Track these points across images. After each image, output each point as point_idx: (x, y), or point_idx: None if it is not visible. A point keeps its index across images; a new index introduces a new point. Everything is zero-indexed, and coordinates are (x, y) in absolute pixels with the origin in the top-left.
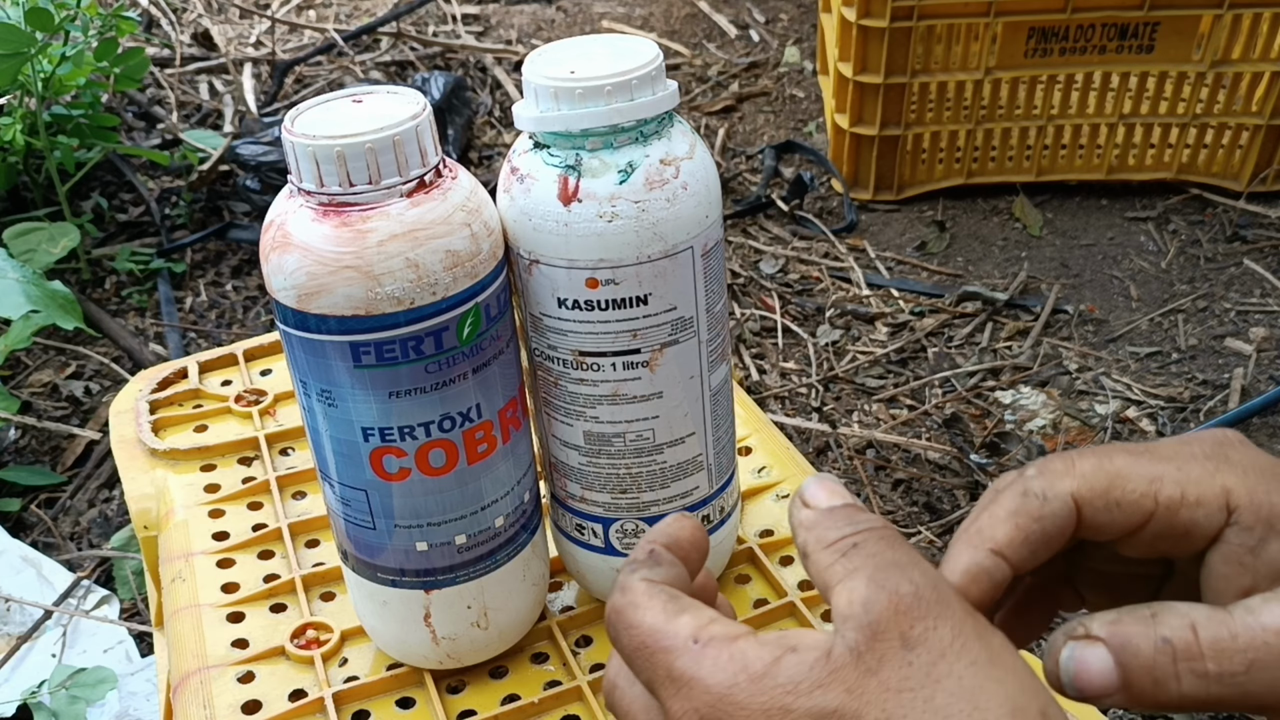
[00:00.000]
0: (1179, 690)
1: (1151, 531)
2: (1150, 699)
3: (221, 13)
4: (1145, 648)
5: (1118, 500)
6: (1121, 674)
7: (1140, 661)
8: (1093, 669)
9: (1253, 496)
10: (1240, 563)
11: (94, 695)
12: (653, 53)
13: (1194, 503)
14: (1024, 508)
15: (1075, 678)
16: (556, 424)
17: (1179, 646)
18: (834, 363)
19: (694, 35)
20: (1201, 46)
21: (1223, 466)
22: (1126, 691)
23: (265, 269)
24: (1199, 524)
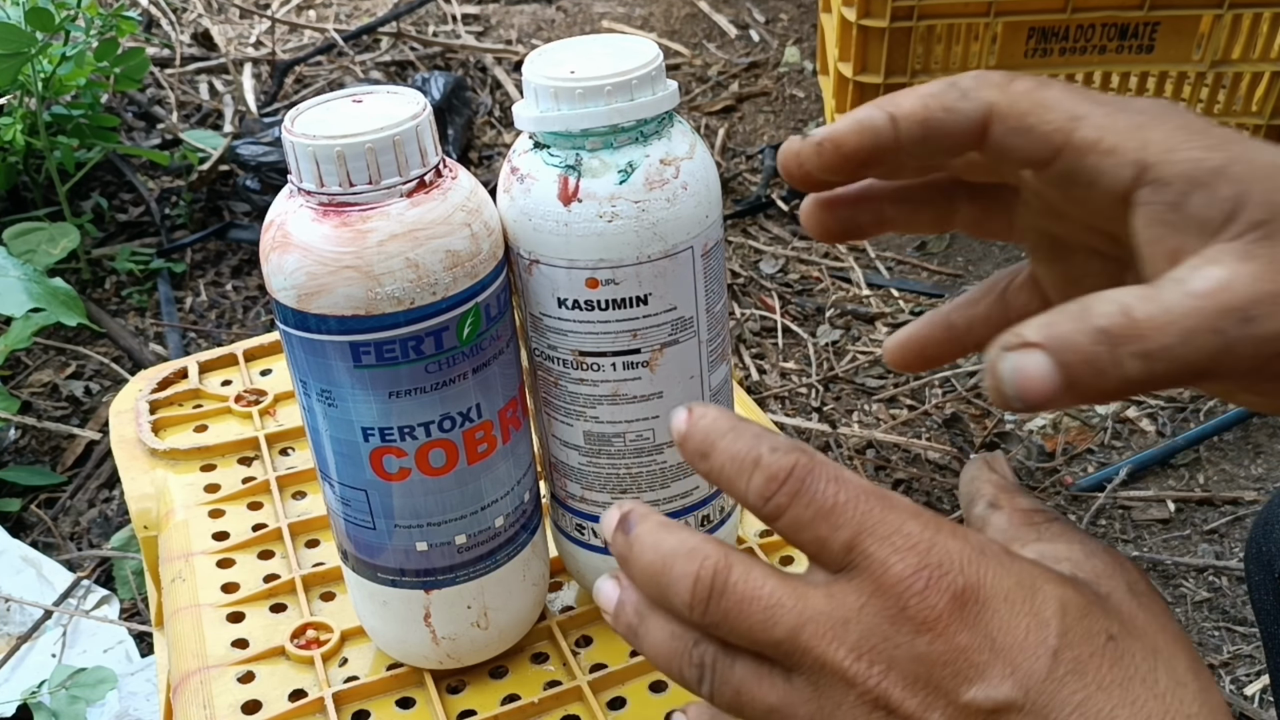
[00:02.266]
0: (1121, 374)
1: (1060, 170)
2: (1095, 391)
3: (221, 13)
4: (1082, 341)
5: (1031, 125)
6: (1064, 373)
7: (1080, 356)
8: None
9: (1172, 153)
10: (1164, 222)
11: (94, 695)
12: (653, 53)
13: (1106, 150)
14: (941, 94)
15: (1019, 388)
16: (556, 424)
17: (1114, 332)
18: (834, 363)
19: (694, 35)
20: (1201, 46)
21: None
22: (1071, 389)
23: (265, 269)
24: (1105, 174)
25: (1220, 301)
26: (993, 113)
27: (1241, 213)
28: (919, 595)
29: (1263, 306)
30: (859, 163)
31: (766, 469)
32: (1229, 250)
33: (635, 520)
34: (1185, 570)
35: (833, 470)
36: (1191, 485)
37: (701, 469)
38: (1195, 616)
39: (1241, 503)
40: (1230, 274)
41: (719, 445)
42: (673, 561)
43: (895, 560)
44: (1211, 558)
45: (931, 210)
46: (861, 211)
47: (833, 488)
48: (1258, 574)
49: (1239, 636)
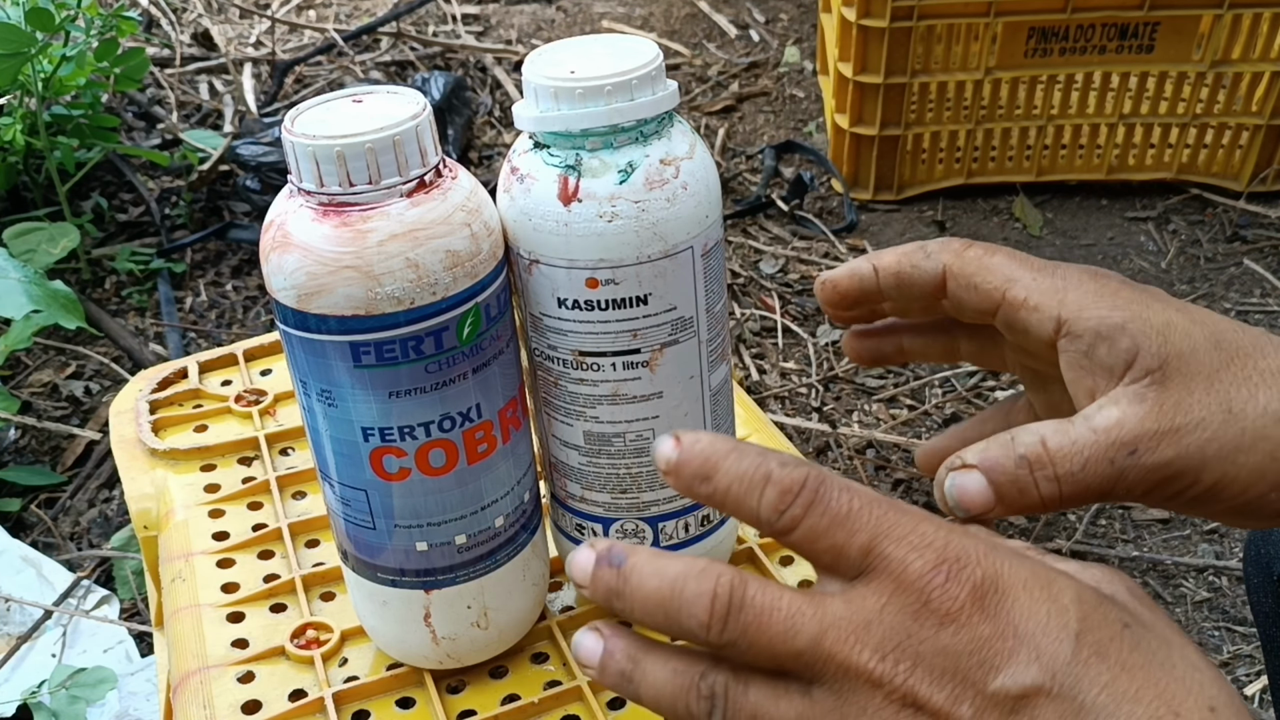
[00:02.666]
0: (1039, 494)
1: (1002, 321)
2: (1020, 505)
3: (221, 13)
4: (1008, 465)
5: (975, 285)
6: (994, 490)
7: (1006, 478)
8: (971, 490)
9: (1083, 311)
10: (1079, 366)
11: (94, 695)
12: (653, 53)
13: (1031, 307)
14: (911, 254)
15: (959, 501)
16: (556, 424)
17: (1032, 459)
18: (834, 363)
19: (694, 35)
20: (1201, 46)
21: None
22: (1001, 503)
23: (265, 269)
24: (1033, 326)
25: (1113, 437)
26: (948, 272)
27: (1136, 361)
28: (940, 588)
29: (1145, 442)
30: (852, 301)
31: (779, 483)
32: (1126, 393)
33: (624, 552)
34: (1185, 570)
35: (843, 481)
36: None
37: (703, 492)
38: (1195, 616)
39: None
40: (1122, 414)
41: (723, 466)
42: (684, 584)
43: (914, 558)
44: (1211, 558)
45: (940, 345)
46: (885, 343)
47: (845, 496)
48: (1256, 576)
49: (1239, 636)
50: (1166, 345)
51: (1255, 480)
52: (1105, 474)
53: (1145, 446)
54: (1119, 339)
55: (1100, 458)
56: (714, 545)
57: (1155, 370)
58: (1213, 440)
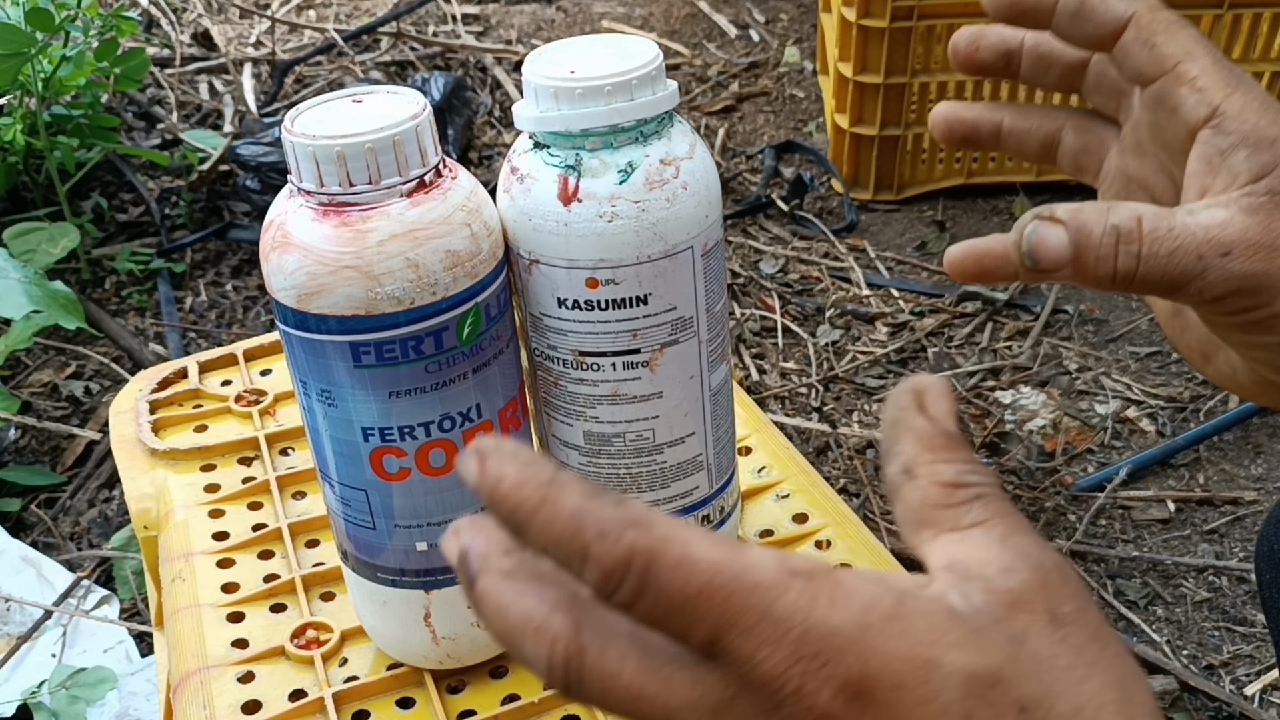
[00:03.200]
0: (1115, 266)
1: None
2: (1091, 273)
3: (221, 13)
4: (1096, 231)
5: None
6: (1074, 250)
7: (1090, 242)
8: (1050, 243)
9: (1243, 112)
10: (1209, 161)
11: (94, 695)
12: (653, 53)
13: (1197, 87)
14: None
15: (1034, 248)
16: (556, 424)
17: (1123, 231)
18: (834, 362)
19: (694, 35)
20: None
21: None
22: (1075, 265)
23: (265, 269)
24: (1186, 105)
25: (1212, 235)
26: (1135, 20)
27: (1266, 178)
28: (795, 695)
29: (1241, 250)
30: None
31: (599, 563)
32: (1240, 200)
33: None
34: (1185, 570)
35: (676, 550)
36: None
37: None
38: (1195, 616)
39: (1241, 503)
40: (1229, 218)
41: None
42: (521, 639)
43: (764, 656)
44: (1211, 558)
45: (1042, 134)
46: (986, 117)
47: (679, 576)
48: (1269, 572)
49: (1239, 636)
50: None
51: None
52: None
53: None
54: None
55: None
56: None
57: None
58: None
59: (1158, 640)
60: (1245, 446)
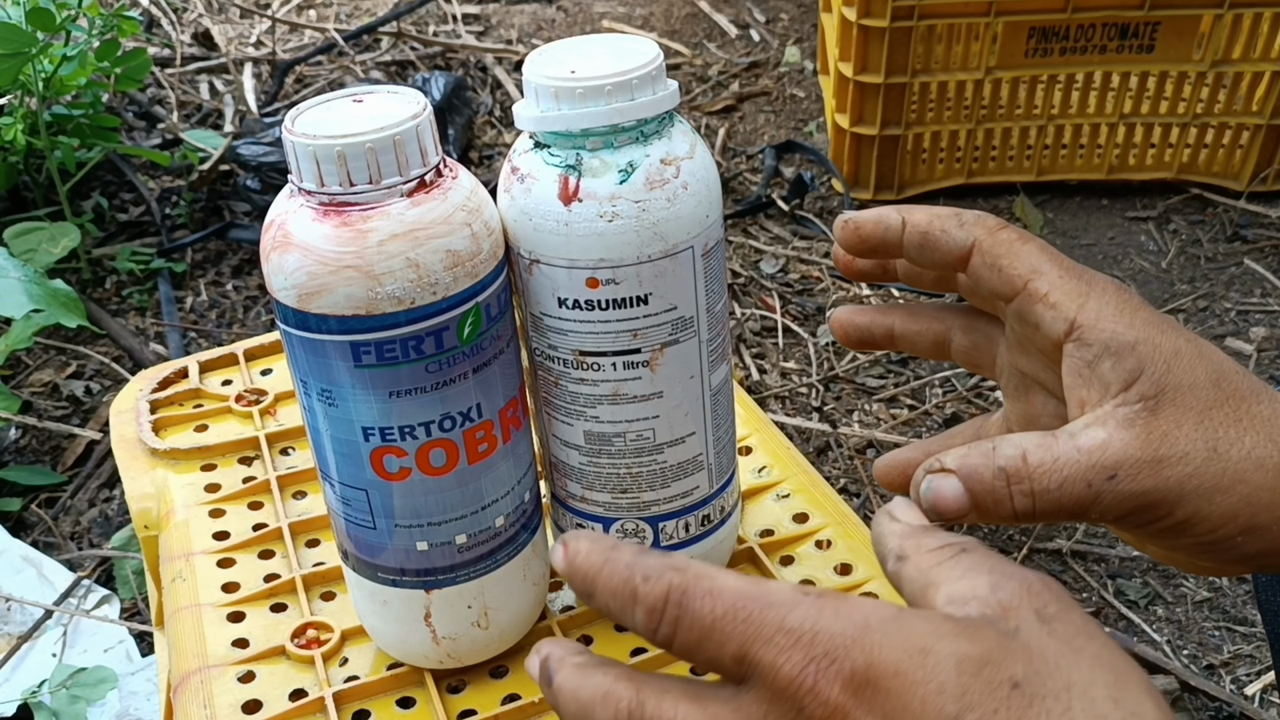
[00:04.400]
0: (1013, 507)
1: (1015, 310)
2: (994, 515)
3: (222, 13)
4: (986, 475)
5: (1001, 267)
6: (970, 498)
7: (983, 487)
8: (947, 495)
9: (1099, 321)
10: (1079, 374)
11: (94, 695)
12: (653, 52)
13: (1051, 304)
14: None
15: (933, 503)
16: (557, 424)
17: (1010, 472)
18: (834, 362)
19: (694, 35)
20: (1202, 46)
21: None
22: (975, 511)
23: (265, 269)
24: (1046, 323)
25: (1095, 459)
26: (977, 246)
27: (1136, 384)
28: (810, 693)
29: (1126, 469)
30: (870, 247)
31: (644, 602)
32: (1116, 415)
33: (554, 668)
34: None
35: (706, 583)
36: None
37: (592, 606)
38: (1195, 616)
39: None
40: (1108, 437)
41: (598, 583)
42: (593, 709)
43: (782, 661)
44: None
45: (932, 336)
46: (878, 323)
47: (709, 604)
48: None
49: (1239, 636)
50: (1169, 374)
51: (1226, 521)
52: (1081, 495)
53: (1126, 473)
54: (1125, 357)
55: (1079, 478)
56: (714, 545)
57: (1151, 397)
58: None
59: (1158, 640)
60: None
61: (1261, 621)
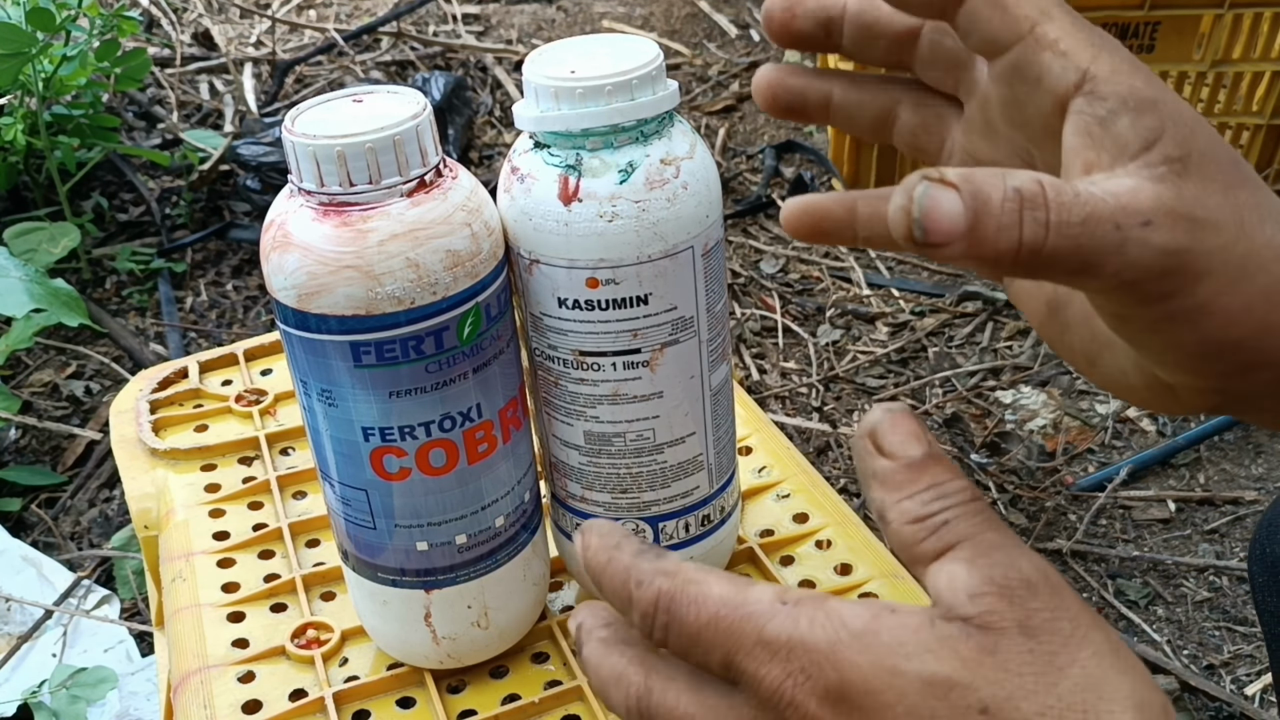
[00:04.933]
0: (1018, 236)
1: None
2: (990, 246)
3: (222, 13)
4: (995, 195)
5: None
6: (970, 218)
7: (989, 207)
8: (944, 208)
9: (1116, 74)
10: (1089, 133)
11: (94, 695)
12: (653, 52)
13: (1061, 50)
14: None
15: (925, 214)
16: (557, 424)
17: (1026, 195)
18: (834, 362)
19: (694, 35)
20: (1202, 46)
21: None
22: (970, 236)
23: (265, 269)
24: (1052, 73)
25: (1125, 203)
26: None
27: (1158, 144)
28: (790, 705)
29: (1161, 218)
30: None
31: (638, 607)
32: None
33: (583, 640)
34: (1186, 570)
35: (692, 591)
36: (1192, 485)
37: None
38: (1196, 616)
39: (1242, 502)
40: (1138, 185)
41: (602, 583)
42: (607, 688)
43: (764, 672)
44: (1212, 557)
45: (875, 108)
46: (813, 89)
47: (694, 611)
48: (1261, 576)
49: (1239, 636)
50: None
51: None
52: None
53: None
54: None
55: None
56: (714, 545)
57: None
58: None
59: (1158, 640)
60: (1246, 446)
61: (1260, 623)
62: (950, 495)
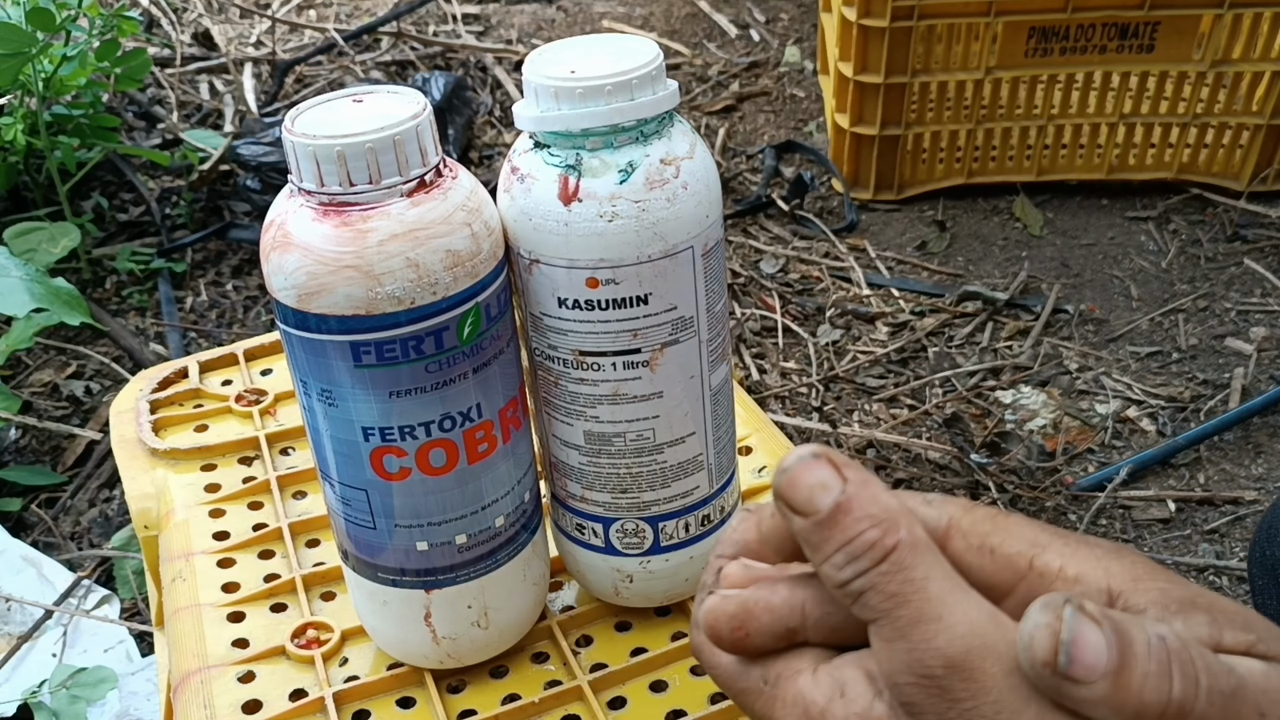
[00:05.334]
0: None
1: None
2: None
3: (222, 12)
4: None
5: (992, 547)
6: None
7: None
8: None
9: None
10: None
11: (94, 695)
12: (653, 52)
13: (1071, 578)
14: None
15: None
16: (557, 424)
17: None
18: (834, 362)
19: (694, 35)
20: (1202, 46)
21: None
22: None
23: (265, 269)
24: None
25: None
26: (954, 528)
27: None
28: None
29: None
30: None
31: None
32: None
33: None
34: (1186, 570)
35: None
36: (1192, 485)
37: None
38: None
39: (1242, 503)
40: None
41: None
42: None
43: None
44: (1212, 557)
45: None
46: None
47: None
48: (1261, 578)
49: None
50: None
51: None
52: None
53: None
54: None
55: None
56: (714, 545)
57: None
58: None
59: None
60: (1246, 446)
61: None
62: (860, 557)
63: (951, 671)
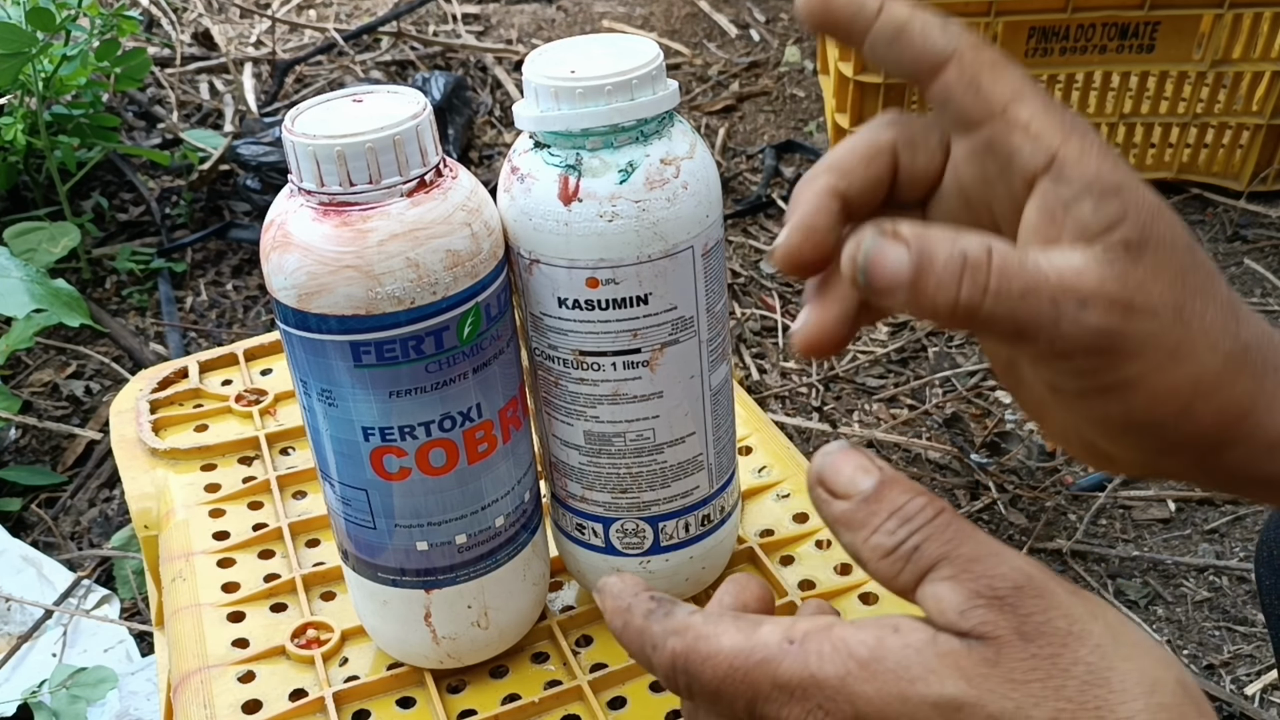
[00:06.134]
0: (956, 298)
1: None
2: (929, 302)
3: (222, 12)
4: (941, 254)
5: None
6: (913, 272)
7: (933, 265)
8: (889, 260)
9: (1083, 157)
10: (1050, 214)
11: (94, 695)
12: (653, 52)
13: (1032, 133)
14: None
15: (870, 264)
16: (557, 423)
17: (971, 259)
18: (834, 362)
19: (694, 35)
20: (1202, 46)
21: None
22: (911, 289)
23: (265, 268)
24: (1021, 153)
25: (1068, 282)
26: (956, 56)
27: (1119, 227)
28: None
29: (1098, 302)
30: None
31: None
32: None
33: None
34: (1185, 570)
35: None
36: (1192, 485)
37: None
38: (1195, 616)
39: (1242, 502)
40: (1086, 266)
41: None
42: None
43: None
44: (1212, 557)
45: None
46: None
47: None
48: (1269, 578)
49: (1239, 636)
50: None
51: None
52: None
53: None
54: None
55: (1044, 294)
56: (714, 545)
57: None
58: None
59: (1158, 640)
60: None
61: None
62: (913, 518)
63: (1020, 590)
